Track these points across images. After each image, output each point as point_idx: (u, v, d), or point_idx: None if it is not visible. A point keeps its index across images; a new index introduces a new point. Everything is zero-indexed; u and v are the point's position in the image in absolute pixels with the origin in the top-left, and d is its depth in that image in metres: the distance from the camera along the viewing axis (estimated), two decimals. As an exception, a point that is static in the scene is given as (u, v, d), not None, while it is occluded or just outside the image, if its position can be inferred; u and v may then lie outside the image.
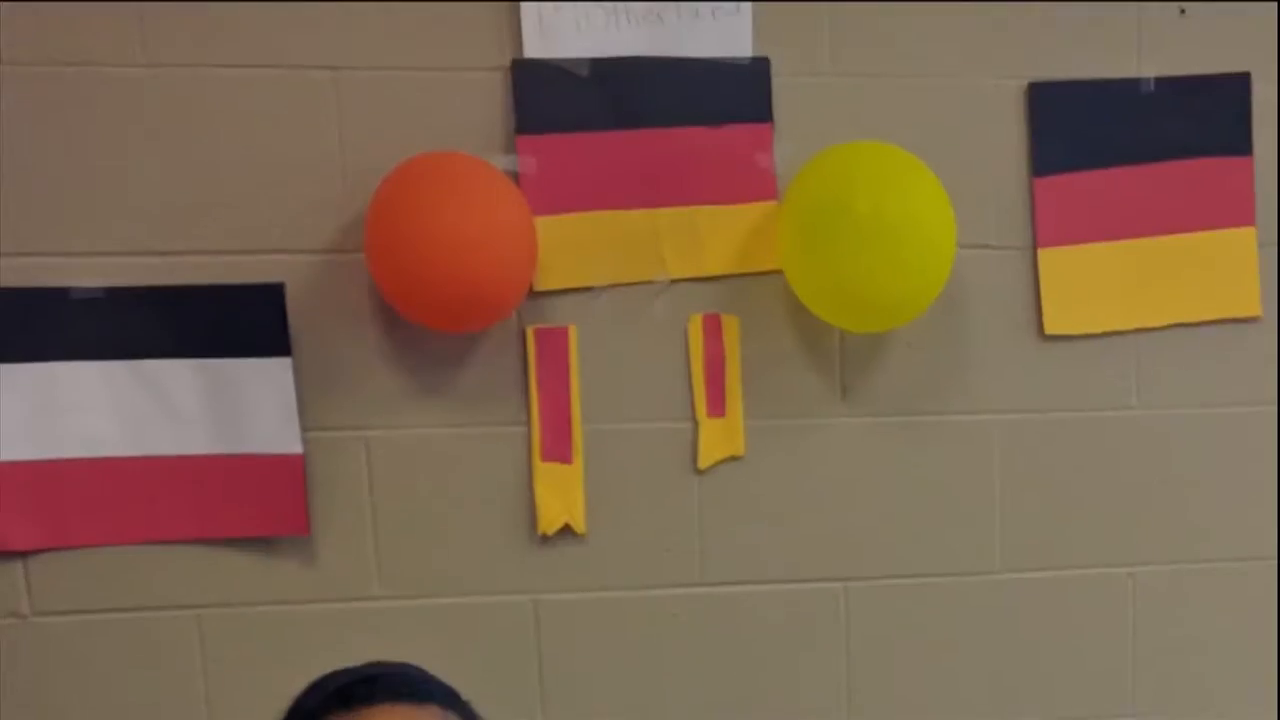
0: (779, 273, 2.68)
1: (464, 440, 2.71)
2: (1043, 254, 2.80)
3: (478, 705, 1.89)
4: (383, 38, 2.57)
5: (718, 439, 2.74)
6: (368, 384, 2.66)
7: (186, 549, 2.65)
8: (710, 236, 2.71)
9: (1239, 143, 2.89)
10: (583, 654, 2.79)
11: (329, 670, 1.88)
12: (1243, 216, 2.88)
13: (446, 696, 1.88)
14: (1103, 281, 2.84)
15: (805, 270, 2.64)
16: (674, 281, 2.70)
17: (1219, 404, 2.95)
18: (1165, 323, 2.87)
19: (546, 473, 2.70)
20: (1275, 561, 3.00)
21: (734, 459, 2.75)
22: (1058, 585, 2.92)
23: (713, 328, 2.71)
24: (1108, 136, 2.84)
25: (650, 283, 2.70)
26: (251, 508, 2.65)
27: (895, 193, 2.58)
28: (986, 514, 2.89)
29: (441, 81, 2.60)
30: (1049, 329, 2.84)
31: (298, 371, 2.60)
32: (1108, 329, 2.86)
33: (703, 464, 2.74)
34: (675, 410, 2.74)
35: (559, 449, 2.71)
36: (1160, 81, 2.85)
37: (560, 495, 2.71)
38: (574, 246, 2.66)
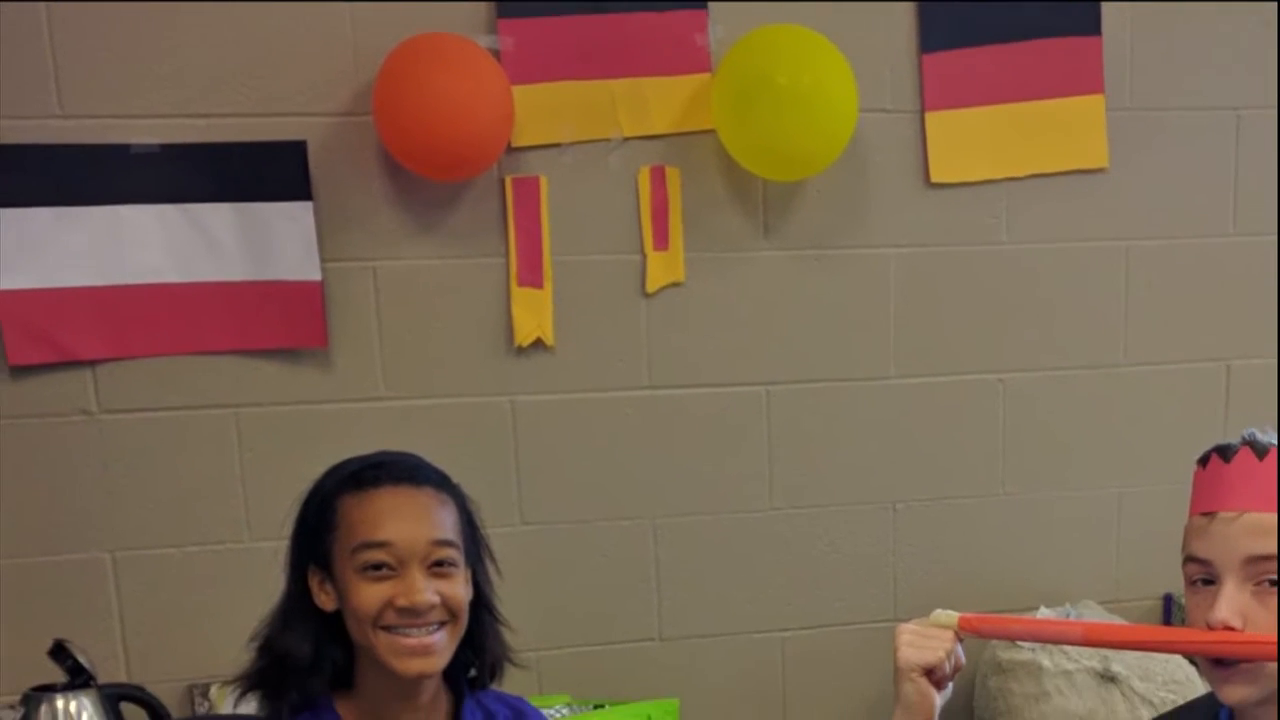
0: (712, 132, 3.03)
1: (454, 269, 3.05)
2: (929, 116, 3.16)
3: (465, 486, 2.11)
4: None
5: (662, 268, 3.12)
6: (375, 223, 3.00)
7: (226, 358, 2.97)
8: (656, 102, 3.04)
9: (1090, 25, 3.22)
10: (551, 444, 3.15)
11: (343, 458, 2.09)
12: (1094, 85, 3.23)
13: (440, 480, 2.08)
14: (978, 139, 3.21)
15: (734, 130, 2.98)
16: (626, 139, 3.06)
17: (1074, 239, 3.32)
18: (1029, 173, 3.26)
19: (521, 296, 3.06)
20: (1121, 368, 3.41)
21: (676, 285, 3.14)
22: (940, 389, 3.32)
23: (658, 177, 3.07)
24: (983, 20, 3.18)
25: (607, 140, 3.06)
26: (279, 324, 2.96)
27: (808, 67, 2.95)
28: (883, 330, 3.27)
29: (435, -27, 2.93)
30: (934, 178, 3.22)
31: (317, 213, 2.93)
32: (982, 178, 3.25)
33: (650, 289, 3.12)
34: (627, 245, 3.11)
35: (532, 276, 3.06)
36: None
37: (533, 314, 3.07)
38: (544, 110, 2.98)
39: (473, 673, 2.16)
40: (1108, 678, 3.10)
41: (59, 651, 2.76)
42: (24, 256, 2.84)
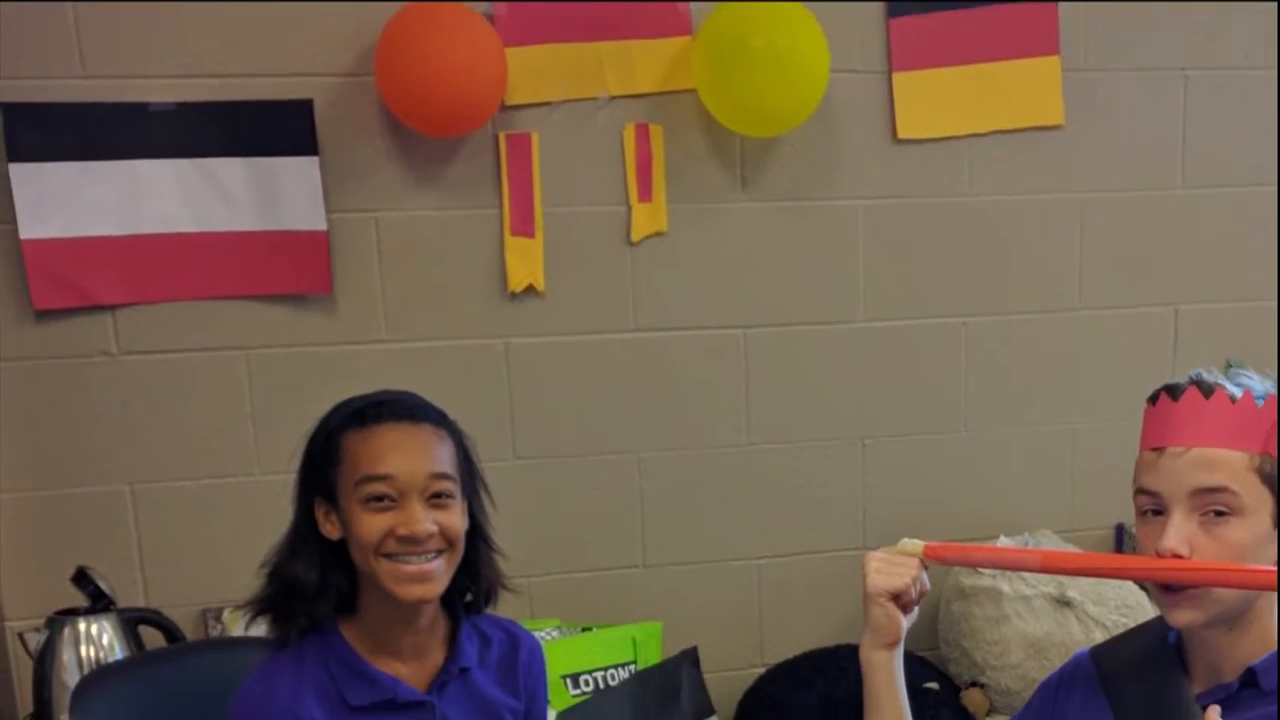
0: (693, 91, 3.10)
1: (451, 220, 3.12)
2: (896, 77, 3.24)
3: (462, 423, 2.13)
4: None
5: (646, 219, 3.20)
6: (377, 177, 3.05)
7: (237, 303, 3.04)
8: (641, 64, 3.10)
9: (1047, -10, 3.28)
10: (542, 384, 3.23)
11: (347, 397, 2.11)
12: (1050, 48, 3.31)
13: (438, 417, 2.10)
14: (942, 98, 3.29)
15: (713, 90, 3.07)
16: (613, 98, 3.13)
17: (1031, 192, 3.41)
18: (990, 129, 3.35)
19: (515, 245, 3.13)
20: (1075, 312, 3.49)
21: (659, 234, 3.22)
22: (906, 332, 3.40)
23: (642, 134, 3.16)
24: (947, -15, 3.24)
25: (594, 99, 3.13)
26: (287, 271, 3.03)
27: (782, 31, 3.02)
28: (852, 276, 3.36)
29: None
30: (901, 134, 3.30)
31: (323, 167, 2.99)
32: (946, 134, 3.33)
33: (635, 238, 3.20)
34: (613, 197, 3.19)
35: (524, 226, 3.13)
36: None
37: (525, 261, 3.14)
38: (536, 71, 3.05)
39: (469, 598, 2.19)
40: (1063, 602, 3.17)
41: (81, 578, 2.85)
42: (49, 208, 2.89)
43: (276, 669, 2.06)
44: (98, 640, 2.86)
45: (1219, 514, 1.77)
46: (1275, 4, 3.44)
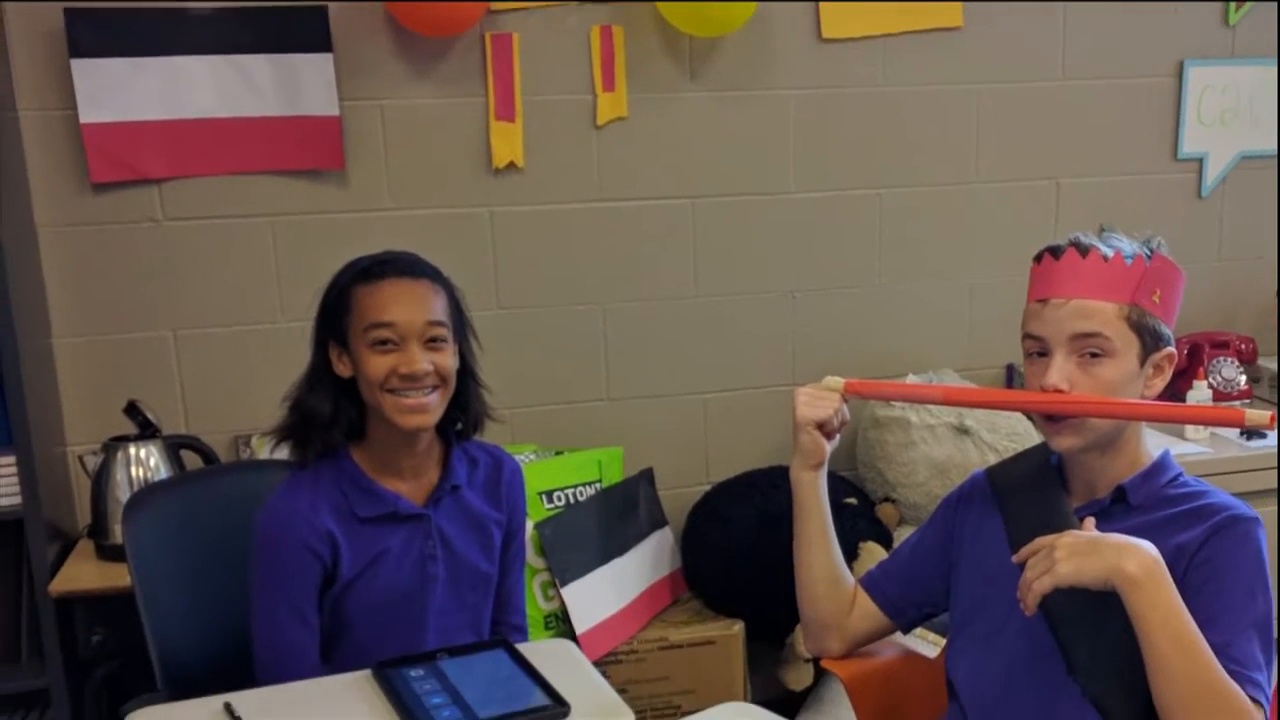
0: None
1: (445, 107, 3.30)
2: None
3: (453, 279, 2.23)
4: None
5: (609, 106, 3.39)
6: (382, 71, 3.24)
7: (263, 177, 3.23)
8: None
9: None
10: (522, 245, 3.42)
11: (356, 256, 2.20)
12: None
13: (434, 273, 2.18)
14: (860, 3, 3.50)
15: None
16: (582, 3, 3.32)
17: (936, 83, 3.66)
18: (901, 30, 3.57)
19: (498, 128, 3.33)
20: (972, 185, 3.74)
21: (621, 119, 3.41)
22: (830, 201, 3.64)
23: (606, 34, 3.34)
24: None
25: (566, 4, 3.31)
26: (306, 150, 3.21)
27: None
28: (783, 155, 3.57)
29: None
30: (825, 35, 3.52)
31: (336, 62, 3.17)
32: (865, 34, 3.54)
33: (600, 122, 3.39)
34: (582, 87, 3.38)
35: (506, 112, 3.32)
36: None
37: (507, 142, 3.33)
38: None
39: (459, 426, 2.29)
40: (962, 430, 3.35)
41: (131, 409, 3.04)
42: (105, 97, 3.06)
43: (297, 486, 2.18)
44: (145, 462, 3.04)
45: (1094, 355, 1.89)
46: (1273, 3, 3.69)
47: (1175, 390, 3.46)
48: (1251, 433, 3.46)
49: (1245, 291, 3.99)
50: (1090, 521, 1.87)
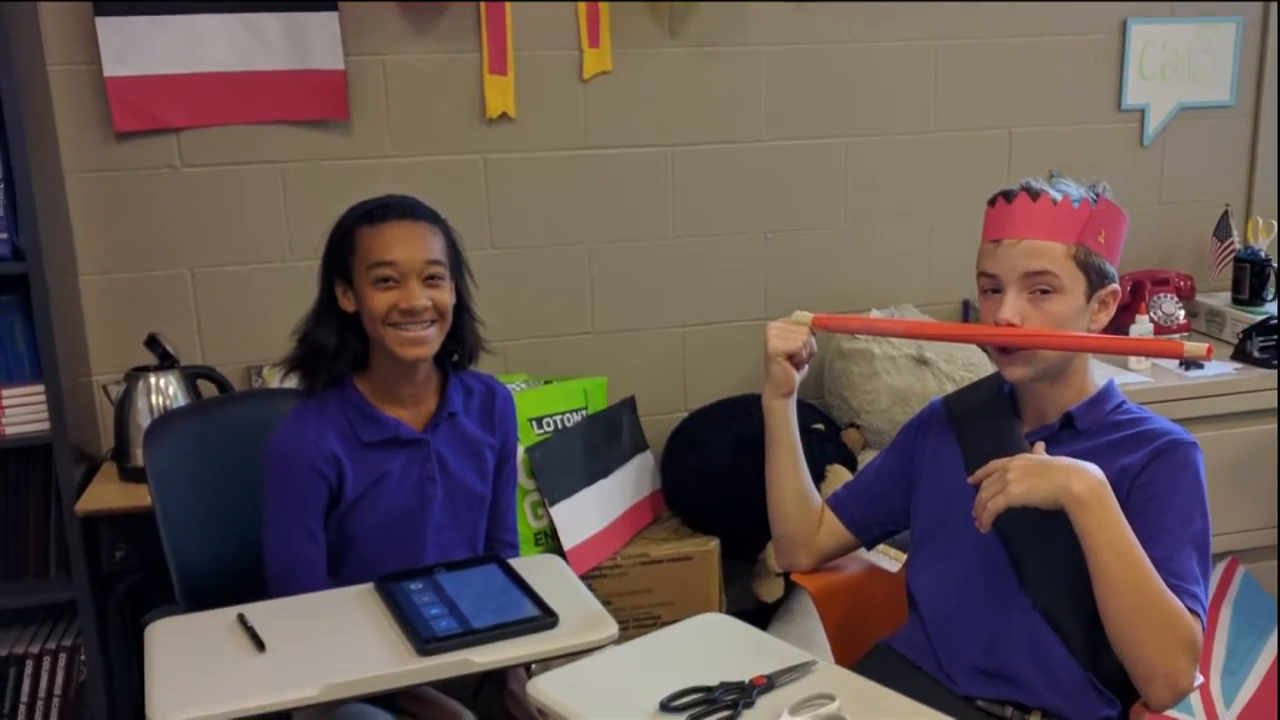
0: None
1: (442, 62, 3.30)
2: None
3: (450, 220, 2.25)
4: None
5: (595, 61, 3.39)
6: (384, 29, 3.23)
7: (275, 127, 3.23)
8: None
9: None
10: (513, 190, 3.41)
11: (359, 200, 2.22)
12: None
13: (432, 215, 2.21)
14: None
15: None
16: None
17: (897, 40, 3.65)
18: None
19: (492, 81, 3.33)
20: (931, 134, 3.72)
21: (605, 73, 3.41)
22: (801, 149, 3.63)
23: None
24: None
25: None
26: (314, 101, 3.22)
27: None
28: (757, 106, 3.56)
29: None
30: None
31: (342, 21, 3.18)
32: None
33: (586, 76, 3.39)
34: (569, 43, 3.37)
35: (499, 66, 3.32)
36: None
37: (500, 94, 3.34)
38: None
39: (456, 357, 2.30)
40: (921, 361, 3.34)
41: (152, 342, 3.04)
42: (127, 52, 3.07)
43: (305, 413, 2.21)
44: (165, 391, 3.04)
45: (1044, 292, 1.90)
46: (1275, 4, 3.76)
47: (1119, 324, 3.46)
48: (1190, 363, 3.47)
49: (1184, 232, 4.00)
50: (1040, 446, 1.90)
